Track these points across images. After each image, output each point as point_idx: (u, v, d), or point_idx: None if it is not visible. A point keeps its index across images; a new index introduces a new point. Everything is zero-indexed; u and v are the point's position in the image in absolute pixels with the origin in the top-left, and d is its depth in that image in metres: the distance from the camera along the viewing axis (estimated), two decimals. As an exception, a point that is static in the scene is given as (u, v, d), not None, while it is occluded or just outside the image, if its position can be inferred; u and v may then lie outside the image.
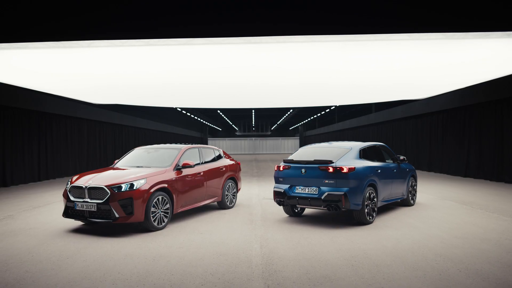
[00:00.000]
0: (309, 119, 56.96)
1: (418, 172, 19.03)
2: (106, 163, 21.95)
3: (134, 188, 6.60)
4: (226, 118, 60.29)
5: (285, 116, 55.11)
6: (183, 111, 42.54)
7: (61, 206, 9.50)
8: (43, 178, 16.50)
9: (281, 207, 8.67)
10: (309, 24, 5.77)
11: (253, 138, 59.97)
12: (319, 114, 48.92)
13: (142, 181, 6.75)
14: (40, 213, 8.77)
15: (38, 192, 12.44)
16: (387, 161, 8.56)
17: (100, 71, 9.15)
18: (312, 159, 7.36)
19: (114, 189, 6.50)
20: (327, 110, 43.59)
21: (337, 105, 23.68)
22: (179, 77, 9.89)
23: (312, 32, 5.75)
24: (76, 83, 11.26)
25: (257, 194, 11.70)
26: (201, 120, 56.09)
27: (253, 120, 65.56)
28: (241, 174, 12.41)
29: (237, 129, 75.67)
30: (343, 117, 43.27)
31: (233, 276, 4.53)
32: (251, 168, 23.69)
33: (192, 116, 49.22)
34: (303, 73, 9.88)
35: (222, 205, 9.08)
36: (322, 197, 6.98)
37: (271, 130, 74.90)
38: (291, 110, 45.88)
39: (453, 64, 9.35)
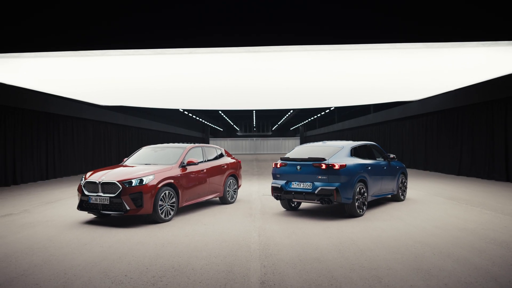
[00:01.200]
0: (309, 119, 57.53)
1: (414, 171, 19.64)
2: (110, 163, 22.61)
3: (144, 183, 7.22)
4: (227, 119, 60.90)
5: (285, 117, 55.69)
6: (185, 112, 43.16)
7: (72, 201, 10.13)
8: (51, 177, 17.14)
9: (279, 202, 9.28)
10: (303, 35, 6.41)
11: (254, 138, 60.54)
12: (319, 115, 49.49)
13: (151, 177, 7.38)
14: (54, 207, 9.40)
15: (48, 190, 13.08)
16: (377, 159, 9.16)
17: (112, 75, 9.79)
18: (306, 156, 7.98)
19: (125, 184, 7.13)
20: (327, 111, 44.17)
21: (334, 106, 24.32)
22: (184, 81, 10.54)
23: (305, 42, 6.38)
24: (89, 87, 11.92)
25: (257, 191, 12.31)
26: (203, 121, 56.72)
27: (254, 120, 66.15)
28: (242, 173, 13.03)
29: (238, 129, 76.29)
30: (343, 118, 43.84)
31: (234, 258, 5.15)
32: (252, 167, 24.30)
33: (194, 116, 49.85)
34: (300, 77, 10.51)
35: (223, 201, 9.71)
36: (316, 192, 7.60)
37: (272, 130, 75.46)
38: (291, 111, 46.45)
39: (437, 70, 9.98)
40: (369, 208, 8.80)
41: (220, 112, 48.19)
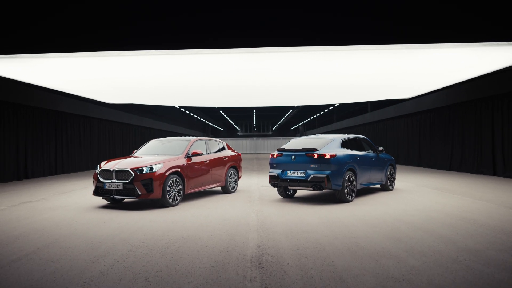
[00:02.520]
0: (309, 119, 58.34)
1: (408, 167, 20.43)
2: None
3: (153, 171, 8.03)
4: (228, 119, 61.69)
5: (285, 116, 56.47)
6: (187, 112, 43.96)
7: (85, 192, 10.94)
8: (59, 172, 17.93)
9: (276, 191, 10.07)
10: (294, 38, 7.23)
11: (255, 138, 61.22)
12: (318, 114, 50.29)
13: (160, 165, 8.18)
14: (69, 196, 10.20)
15: (59, 183, 13.89)
16: (367, 151, 9.96)
17: (122, 75, 10.59)
18: (300, 147, 8.78)
19: (137, 171, 7.94)
20: (326, 110, 44.98)
21: (330, 103, 25.17)
22: (189, 79, 11.36)
23: (297, 44, 7.21)
24: (99, 86, 12.70)
25: (256, 183, 13.12)
26: (204, 120, 57.51)
27: (255, 120, 66.95)
28: (243, 170, 13.84)
29: (239, 129, 77.07)
30: (342, 117, 44.64)
31: (235, 231, 5.95)
32: (252, 165, 25.10)
33: (195, 116, 50.64)
34: (297, 76, 11.31)
35: (225, 190, 10.51)
36: (309, 179, 8.40)
37: (272, 130, 76.24)
38: (291, 110, 47.22)
39: (425, 70, 10.78)
40: (358, 196, 9.59)
41: (221, 112, 48.96)
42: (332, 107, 41.22)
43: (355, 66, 10.13)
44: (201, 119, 56.11)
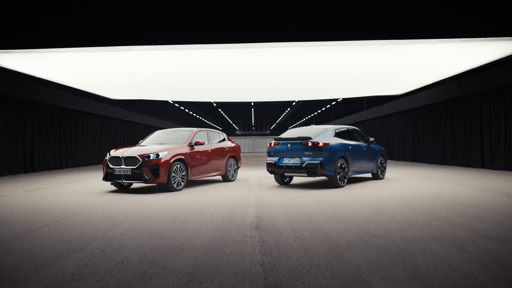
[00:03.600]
0: (306, 118, 59.00)
1: (402, 162, 21.11)
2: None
3: (159, 157, 8.66)
4: (227, 117, 62.27)
5: (283, 115, 57.10)
6: (186, 110, 44.55)
7: (92, 181, 11.57)
8: (64, 167, 18.54)
9: (273, 179, 10.72)
10: (286, 36, 7.94)
11: (253, 137, 61.82)
12: (316, 113, 50.94)
13: (165, 153, 8.82)
14: (77, 184, 10.82)
15: (66, 175, 14.51)
16: (360, 142, 10.62)
17: (129, 69, 11.25)
18: (296, 136, 9.43)
19: (145, 158, 8.57)
20: (323, 109, 45.65)
21: (325, 98, 25.91)
22: (190, 74, 12.04)
23: (288, 39, 7.90)
24: (106, 81, 13.37)
25: (254, 174, 13.78)
26: (203, 119, 58.08)
27: (253, 119, 67.55)
28: (242, 165, 14.50)
29: (237, 128, 77.67)
30: (339, 116, 45.33)
31: (236, 207, 6.59)
32: (251, 161, 25.77)
33: (194, 114, 51.21)
34: (292, 71, 11.99)
35: (225, 178, 11.15)
36: (303, 165, 9.05)
37: (270, 129, 76.85)
38: (288, 109, 47.85)
39: (411, 65, 11.46)
40: (350, 183, 10.24)
41: (220, 110, 49.54)
42: (329, 106, 41.89)
43: (346, 61, 10.80)
44: (200, 118, 56.72)
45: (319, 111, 47.30)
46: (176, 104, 37.47)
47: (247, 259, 3.60)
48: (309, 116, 56.88)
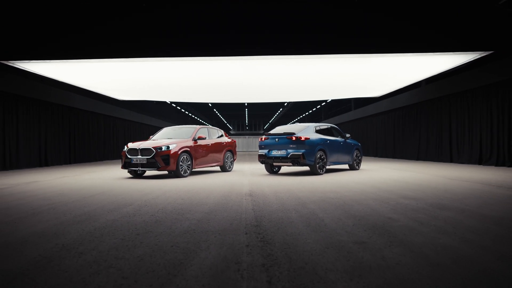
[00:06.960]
0: (298, 118, 60.94)
1: (384, 159, 23.07)
2: (118, 153, 25.72)
3: (170, 149, 10.48)
4: (221, 117, 64.04)
5: (276, 115, 58.98)
6: (182, 110, 46.22)
7: (106, 173, 13.33)
8: (73, 162, 20.23)
9: (264, 169, 12.57)
10: (275, 50, 9.85)
11: (247, 136, 63.63)
12: (307, 113, 52.88)
13: (174, 145, 10.64)
14: (95, 175, 12.57)
15: (79, 168, 16.24)
16: (338, 137, 12.51)
17: (142, 75, 13.09)
18: (282, 132, 11.31)
19: (158, 149, 10.38)
20: (314, 109, 47.59)
21: (315, 100, 27.92)
22: (191, 79, 13.92)
23: (279, 53, 9.80)
24: (120, 85, 15.20)
25: (248, 167, 15.63)
26: (198, 119, 59.75)
27: (247, 119, 69.38)
28: (236, 161, 16.34)
29: (231, 128, 79.46)
30: (329, 116, 47.31)
31: (234, 186, 8.44)
32: (245, 159, 27.64)
33: (190, 114, 52.91)
34: (280, 76, 13.91)
35: (223, 169, 13.00)
36: (288, 156, 10.91)
37: (263, 129, 78.69)
38: (281, 109, 49.72)
39: (380, 72, 13.44)
40: (328, 172, 12.13)
41: (215, 110, 51.27)
42: (319, 106, 43.82)
43: (328, 69, 12.71)
44: (196, 118, 58.44)
45: (310, 111, 49.27)
46: (173, 105, 39.20)
47: (243, 208, 5.45)
48: (301, 116, 58.87)
